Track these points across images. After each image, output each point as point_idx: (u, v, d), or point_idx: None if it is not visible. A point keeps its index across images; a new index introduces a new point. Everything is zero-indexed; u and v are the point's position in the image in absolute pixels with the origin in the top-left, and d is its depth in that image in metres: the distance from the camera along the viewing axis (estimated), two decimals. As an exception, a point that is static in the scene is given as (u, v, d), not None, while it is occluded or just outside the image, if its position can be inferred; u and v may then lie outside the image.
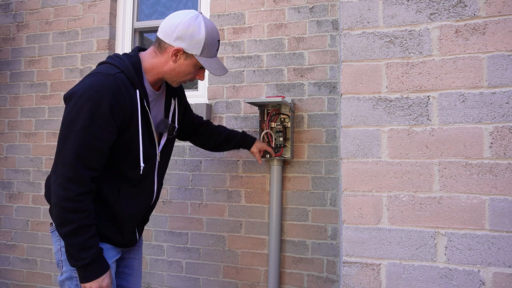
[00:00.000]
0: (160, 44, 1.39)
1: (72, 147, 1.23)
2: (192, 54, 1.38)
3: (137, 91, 1.34)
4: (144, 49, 1.48)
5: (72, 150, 1.22)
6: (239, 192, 2.18)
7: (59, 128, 2.52)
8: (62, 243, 1.35)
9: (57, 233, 1.38)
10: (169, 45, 1.37)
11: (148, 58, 1.42)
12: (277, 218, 2.03)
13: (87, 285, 1.29)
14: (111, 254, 1.42)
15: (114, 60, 1.36)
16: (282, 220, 2.08)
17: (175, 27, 1.35)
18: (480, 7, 1.18)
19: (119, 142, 1.33)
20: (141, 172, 1.38)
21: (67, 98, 1.28)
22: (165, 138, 1.51)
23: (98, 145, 1.25)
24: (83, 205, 1.25)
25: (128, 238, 1.48)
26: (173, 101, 1.56)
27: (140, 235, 1.58)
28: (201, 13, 1.41)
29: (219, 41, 1.46)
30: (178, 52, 1.37)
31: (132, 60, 1.38)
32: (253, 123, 2.18)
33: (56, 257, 1.39)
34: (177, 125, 1.57)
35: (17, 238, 2.61)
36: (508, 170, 1.13)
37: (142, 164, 1.37)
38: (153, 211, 2.29)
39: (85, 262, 1.25)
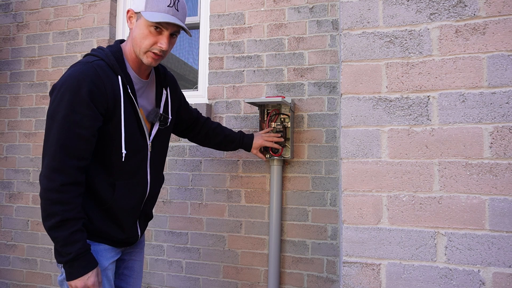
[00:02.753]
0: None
1: (55, 137, 1.22)
2: (139, 12, 1.32)
3: (119, 77, 1.33)
4: None
5: (55, 139, 1.22)
6: (239, 192, 2.18)
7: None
8: None
9: None
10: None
11: (126, 45, 1.42)
12: (277, 218, 2.03)
13: (72, 283, 1.25)
14: (109, 255, 1.41)
15: (94, 51, 1.37)
16: (282, 220, 2.08)
17: None
18: (480, 7, 1.18)
19: (106, 132, 1.32)
20: (123, 160, 1.34)
21: (50, 93, 1.30)
22: (157, 128, 1.48)
23: (81, 133, 1.24)
24: (67, 197, 1.23)
25: (129, 233, 1.46)
26: (164, 91, 1.54)
27: (143, 231, 1.55)
28: None
29: None
30: (131, 16, 1.36)
31: (112, 48, 1.38)
32: (253, 123, 2.18)
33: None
34: (170, 115, 1.55)
35: (17, 238, 2.61)
36: (508, 170, 1.13)
37: (123, 151, 1.33)
38: (153, 211, 2.30)
39: (70, 257, 1.23)
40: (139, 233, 1.52)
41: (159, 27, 1.32)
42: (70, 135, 1.23)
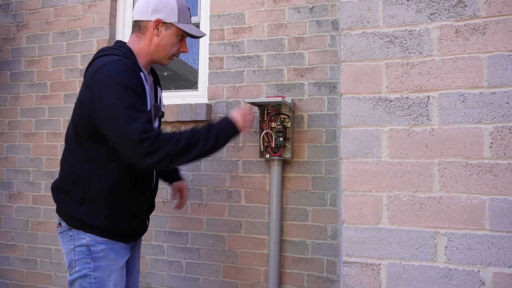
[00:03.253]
0: (140, 26, 1.47)
1: (124, 126, 1.24)
2: (171, 23, 1.46)
3: (141, 73, 1.40)
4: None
5: (125, 126, 1.24)
6: (239, 192, 2.18)
7: (59, 128, 2.53)
8: (76, 243, 1.37)
9: (69, 233, 1.39)
10: (148, 21, 1.45)
11: (134, 44, 1.47)
12: (277, 218, 2.03)
13: (240, 128, 1.45)
14: (125, 253, 1.46)
15: (111, 50, 1.40)
16: (282, 220, 2.08)
17: (148, 4, 1.45)
18: (480, 7, 1.18)
19: None
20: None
21: (86, 92, 1.32)
22: (157, 123, 1.56)
23: (142, 115, 1.29)
24: (176, 135, 1.31)
25: (141, 225, 1.53)
26: (158, 88, 1.62)
27: (148, 221, 1.62)
28: None
29: (189, 8, 1.55)
30: (158, 24, 1.45)
31: (127, 48, 1.43)
32: (253, 123, 2.18)
33: (68, 258, 1.39)
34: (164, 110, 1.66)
35: (17, 238, 2.61)
36: (508, 170, 1.13)
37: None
38: (154, 211, 2.30)
39: (225, 129, 1.40)
40: (147, 224, 1.59)
41: (184, 36, 1.52)
42: (134, 118, 1.26)
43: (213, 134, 1.36)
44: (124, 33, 2.57)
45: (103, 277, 1.37)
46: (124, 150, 1.27)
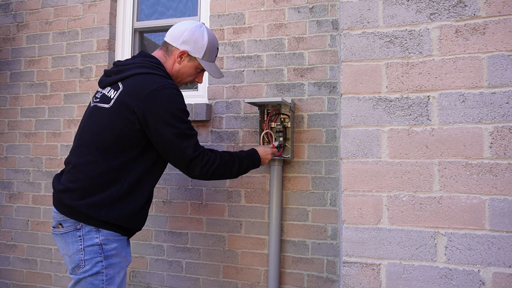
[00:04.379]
0: (168, 48, 1.61)
1: (182, 145, 1.47)
2: (195, 57, 1.60)
3: None
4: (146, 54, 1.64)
5: (183, 145, 1.47)
6: (239, 192, 2.18)
7: (59, 128, 2.53)
8: (86, 243, 1.39)
9: (77, 233, 1.40)
10: (176, 48, 1.59)
11: (162, 62, 1.61)
12: (277, 218, 2.03)
13: (266, 160, 1.80)
14: (130, 250, 1.54)
15: (155, 69, 1.51)
16: (282, 220, 2.08)
17: (182, 33, 1.58)
18: (480, 7, 1.18)
19: None
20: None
21: (154, 106, 1.42)
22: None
23: (196, 136, 1.54)
24: (219, 157, 1.58)
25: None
26: None
27: None
28: (204, 24, 1.67)
29: (218, 48, 1.70)
30: (183, 54, 1.59)
31: (165, 70, 1.57)
32: (253, 123, 2.18)
33: (75, 258, 1.40)
34: None
35: (17, 238, 2.61)
36: (508, 170, 1.13)
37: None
38: (153, 210, 2.31)
39: (250, 162, 1.72)
40: None
41: (203, 70, 1.68)
42: (189, 137, 1.49)
43: (246, 161, 1.68)
44: (124, 33, 2.57)
45: (114, 274, 1.42)
46: (181, 164, 1.49)
